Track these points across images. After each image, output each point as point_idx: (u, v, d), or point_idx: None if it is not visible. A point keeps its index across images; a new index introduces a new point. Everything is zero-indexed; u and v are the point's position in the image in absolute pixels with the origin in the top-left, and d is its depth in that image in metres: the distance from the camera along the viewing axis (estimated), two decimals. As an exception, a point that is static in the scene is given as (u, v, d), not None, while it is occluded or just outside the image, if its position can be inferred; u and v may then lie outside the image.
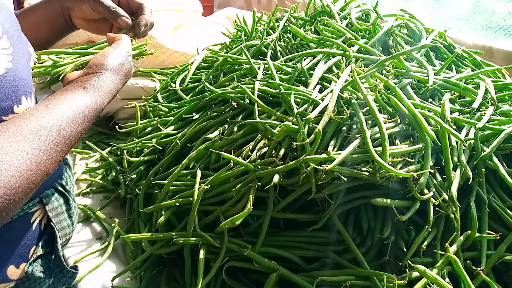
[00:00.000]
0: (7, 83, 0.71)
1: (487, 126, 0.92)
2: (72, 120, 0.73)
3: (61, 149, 0.70)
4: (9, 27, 0.77)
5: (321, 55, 1.11)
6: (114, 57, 0.86)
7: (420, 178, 0.83)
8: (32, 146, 0.65)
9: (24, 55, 0.80)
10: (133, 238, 0.92)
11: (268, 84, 1.03)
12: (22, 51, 0.80)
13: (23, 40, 0.84)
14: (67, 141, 0.72)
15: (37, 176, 0.65)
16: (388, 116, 0.92)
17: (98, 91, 0.80)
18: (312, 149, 0.81)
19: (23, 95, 0.74)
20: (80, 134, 0.75)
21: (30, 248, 0.85)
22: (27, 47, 0.86)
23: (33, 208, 0.86)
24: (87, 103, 0.77)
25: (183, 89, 1.29)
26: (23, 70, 0.76)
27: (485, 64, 1.24)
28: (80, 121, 0.74)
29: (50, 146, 0.68)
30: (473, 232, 0.84)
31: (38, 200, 0.87)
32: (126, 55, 0.89)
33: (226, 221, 0.82)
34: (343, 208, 0.89)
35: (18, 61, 0.76)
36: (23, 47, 0.82)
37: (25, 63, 0.79)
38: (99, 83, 0.81)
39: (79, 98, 0.76)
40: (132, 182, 1.12)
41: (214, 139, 1.00)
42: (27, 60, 0.81)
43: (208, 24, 2.02)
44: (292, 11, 1.46)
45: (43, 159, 0.67)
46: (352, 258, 0.86)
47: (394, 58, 1.01)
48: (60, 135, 0.70)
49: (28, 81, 0.77)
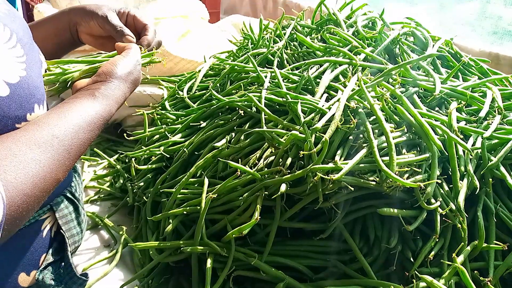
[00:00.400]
0: (22, 91, 0.72)
1: (494, 135, 0.92)
2: (82, 128, 0.74)
3: (72, 157, 0.72)
4: (22, 35, 0.79)
5: (327, 64, 1.11)
6: (123, 66, 0.87)
7: (427, 187, 0.83)
8: (45, 154, 0.66)
9: (36, 62, 0.81)
10: (141, 246, 0.92)
11: (275, 93, 1.04)
12: (35, 59, 0.81)
13: (35, 48, 0.86)
14: (78, 149, 0.73)
15: (49, 184, 0.67)
16: (394, 125, 0.92)
17: (107, 99, 0.81)
18: (319, 159, 0.82)
19: (36, 103, 0.76)
20: (89, 141, 0.76)
21: (41, 255, 0.85)
22: (38, 55, 0.87)
23: (43, 216, 0.86)
24: (97, 111, 0.78)
25: (190, 97, 1.30)
26: (36, 77, 0.78)
27: (492, 72, 1.24)
28: (90, 129, 0.76)
29: (61, 154, 0.69)
30: (480, 242, 0.84)
31: (48, 208, 0.88)
32: (135, 63, 0.91)
33: (233, 231, 0.83)
34: (350, 217, 0.89)
35: (32, 69, 0.77)
36: (35, 55, 0.83)
37: (37, 70, 0.80)
38: (108, 91, 0.82)
39: (89, 106, 0.78)
40: (139, 190, 1.12)
41: (221, 148, 1.01)
42: (39, 68, 0.83)
43: (214, 31, 2.04)
44: (299, 19, 1.46)
45: (55, 167, 0.68)
46: (359, 267, 0.86)
47: (401, 67, 1.01)
48: (71, 143, 0.71)
49: (41, 88, 0.79)
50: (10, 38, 0.74)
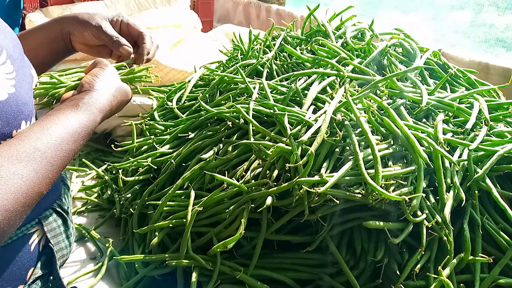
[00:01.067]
0: (9, 108, 0.71)
1: (480, 147, 0.92)
2: (65, 139, 0.73)
3: (55, 169, 0.71)
4: (13, 51, 0.78)
5: (315, 75, 1.11)
6: (103, 75, 0.87)
7: (413, 200, 0.83)
8: (27, 168, 0.66)
9: (26, 77, 0.81)
10: (126, 259, 0.91)
11: (263, 104, 1.04)
12: (25, 74, 0.81)
13: (26, 63, 0.85)
14: (61, 161, 0.72)
15: (31, 199, 0.66)
16: (381, 138, 0.92)
17: (90, 108, 0.80)
18: (305, 171, 0.81)
19: (23, 119, 0.75)
20: (73, 153, 0.75)
21: (28, 269, 0.84)
22: (29, 69, 0.87)
23: (31, 229, 0.85)
24: (80, 121, 0.77)
25: (179, 108, 1.29)
26: (25, 93, 0.77)
27: (480, 83, 1.25)
28: (73, 140, 0.75)
29: (44, 167, 0.68)
30: (467, 254, 0.84)
31: (36, 221, 0.87)
32: (114, 73, 0.90)
33: (218, 245, 0.82)
34: (337, 229, 0.89)
35: (21, 85, 0.77)
36: (26, 70, 0.83)
37: (27, 86, 0.79)
38: (91, 100, 0.81)
39: (72, 117, 0.77)
40: (127, 201, 1.12)
41: (209, 159, 1.00)
42: (29, 83, 0.82)
43: (206, 41, 2.04)
44: (289, 30, 1.47)
45: (38, 181, 0.67)
46: (346, 280, 0.86)
47: (388, 79, 1.02)
48: (54, 156, 0.70)
49: (29, 105, 0.78)
50: (0, 54, 0.74)
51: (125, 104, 0.95)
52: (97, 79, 0.85)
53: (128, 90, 0.94)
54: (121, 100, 0.90)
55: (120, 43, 0.99)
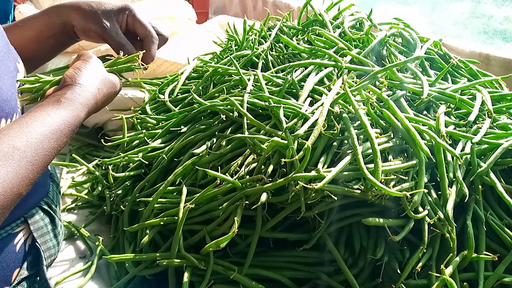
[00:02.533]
0: None
1: (484, 140, 0.89)
2: (47, 137, 0.69)
3: (36, 169, 0.67)
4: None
5: (312, 66, 1.07)
6: (87, 68, 0.82)
7: (414, 196, 0.79)
8: (5, 168, 0.61)
9: (9, 72, 0.76)
10: (116, 258, 0.88)
11: (257, 97, 1.00)
12: (8, 68, 0.76)
13: (11, 56, 0.80)
14: (42, 160, 0.68)
15: (9, 200, 0.62)
16: (380, 131, 0.88)
17: (73, 104, 0.75)
18: (301, 166, 0.78)
19: (3, 117, 0.71)
20: (56, 151, 0.71)
21: (14, 270, 0.81)
22: (15, 63, 0.82)
23: (16, 229, 0.82)
24: (62, 117, 0.72)
25: (172, 101, 1.25)
26: (6, 90, 0.72)
27: (482, 74, 1.21)
28: (55, 138, 0.70)
29: (24, 167, 0.64)
30: (470, 252, 0.81)
31: (22, 220, 0.83)
32: (98, 64, 0.85)
33: (211, 244, 0.79)
34: (335, 226, 0.86)
35: (3, 81, 0.72)
36: (10, 64, 0.78)
37: (9, 81, 0.75)
38: (74, 95, 0.76)
39: (54, 113, 0.72)
40: (117, 198, 1.08)
41: (201, 154, 0.97)
42: (13, 78, 0.77)
43: (201, 33, 1.99)
44: (285, 20, 1.43)
45: (17, 181, 0.63)
46: (344, 279, 0.82)
47: (388, 69, 0.98)
48: (34, 155, 0.66)
49: (11, 102, 0.73)
50: None
51: (113, 96, 0.89)
52: (80, 72, 0.80)
53: (115, 81, 0.88)
54: (107, 92, 0.85)
55: (125, 52, 0.92)
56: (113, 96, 0.89)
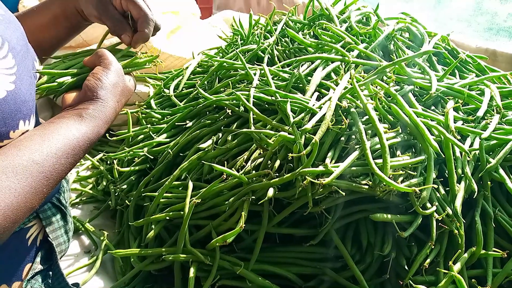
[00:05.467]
0: (7, 107, 0.67)
1: (492, 135, 0.88)
2: (66, 153, 0.69)
3: (51, 184, 0.67)
4: (16, 43, 0.73)
5: (319, 61, 1.06)
6: (108, 79, 0.80)
7: (423, 192, 0.79)
8: (21, 183, 0.62)
9: (28, 72, 0.75)
10: (121, 253, 0.87)
11: (264, 91, 0.99)
12: (27, 68, 0.75)
13: (29, 55, 0.79)
14: (58, 176, 0.68)
15: (22, 214, 0.62)
16: (388, 126, 0.88)
17: (94, 120, 0.76)
18: (308, 161, 0.77)
19: (21, 119, 0.70)
20: (71, 166, 0.71)
21: (25, 265, 0.81)
22: (33, 62, 0.81)
23: (28, 224, 0.82)
24: (83, 133, 0.73)
25: (177, 95, 1.25)
26: (25, 90, 0.72)
27: (490, 69, 1.20)
28: (74, 154, 0.71)
29: (40, 182, 0.65)
30: (478, 248, 0.80)
31: (34, 215, 0.83)
32: (119, 72, 0.84)
33: (217, 239, 0.78)
34: (342, 222, 0.85)
35: (22, 81, 0.71)
36: (29, 63, 0.77)
37: (28, 82, 0.74)
38: (95, 112, 0.76)
39: (75, 129, 0.72)
40: (122, 193, 1.07)
41: (207, 149, 0.96)
42: (31, 78, 0.76)
43: (205, 27, 1.98)
44: (291, 14, 1.42)
45: (31, 196, 0.63)
46: (351, 275, 0.82)
47: (396, 64, 0.97)
48: (52, 170, 0.67)
49: (29, 102, 0.73)
50: (1, 47, 0.69)
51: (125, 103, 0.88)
52: (101, 84, 0.79)
53: (132, 87, 0.88)
54: (125, 101, 0.85)
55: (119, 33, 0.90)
56: (129, 98, 0.88)
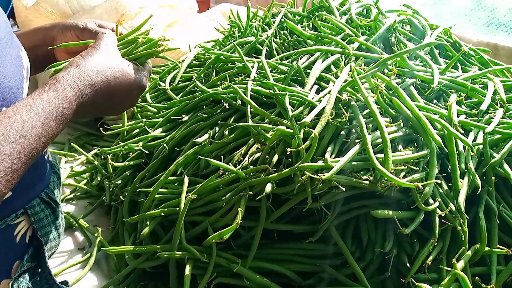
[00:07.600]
0: None
1: (496, 130, 0.86)
2: (30, 123, 0.62)
3: (18, 161, 0.60)
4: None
5: (318, 53, 1.04)
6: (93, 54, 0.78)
7: (425, 187, 0.76)
8: None
9: (12, 60, 0.72)
10: (115, 250, 0.85)
11: (261, 84, 0.97)
12: (11, 55, 0.73)
13: (14, 44, 0.77)
14: (26, 151, 0.61)
15: None
16: (390, 120, 0.85)
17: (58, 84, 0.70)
18: (307, 156, 0.75)
19: (4, 106, 0.67)
20: (44, 138, 0.64)
21: (14, 262, 0.79)
22: (18, 51, 0.78)
23: (16, 220, 0.80)
24: (47, 100, 0.66)
25: (173, 89, 1.22)
26: (9, 77, 0.69)
27: (493, 62, 1.17)
28: (40, 123, 0.64)
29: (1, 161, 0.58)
30: (482, 245, 0.78)
31: (22, 211, 0.81)
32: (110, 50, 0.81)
33: (214, 235, 0.76)
34: (342, 218, 0.83)
35: (4, 68, 0.69)
36: (13, 51, 0.74)
37: (12, 69, 0.71)
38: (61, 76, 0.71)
39: (37, 96, 0.67)
40: (117, 188, 1.05)
41: (204, 143, 0.94)
42: (16, 66, 0.74)
43: (202, 21, 1.95)
44: (289, 6, 1.39)
45: None
46: (351, 273, 0.80)
47: (397, 56, 0.94)
48: (15, 145, 0.60)
49: (12, 89, 0.69)
50: None
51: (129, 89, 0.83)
52: (80, 57, 0.76)
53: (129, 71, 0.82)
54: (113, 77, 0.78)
55: None
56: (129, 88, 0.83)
